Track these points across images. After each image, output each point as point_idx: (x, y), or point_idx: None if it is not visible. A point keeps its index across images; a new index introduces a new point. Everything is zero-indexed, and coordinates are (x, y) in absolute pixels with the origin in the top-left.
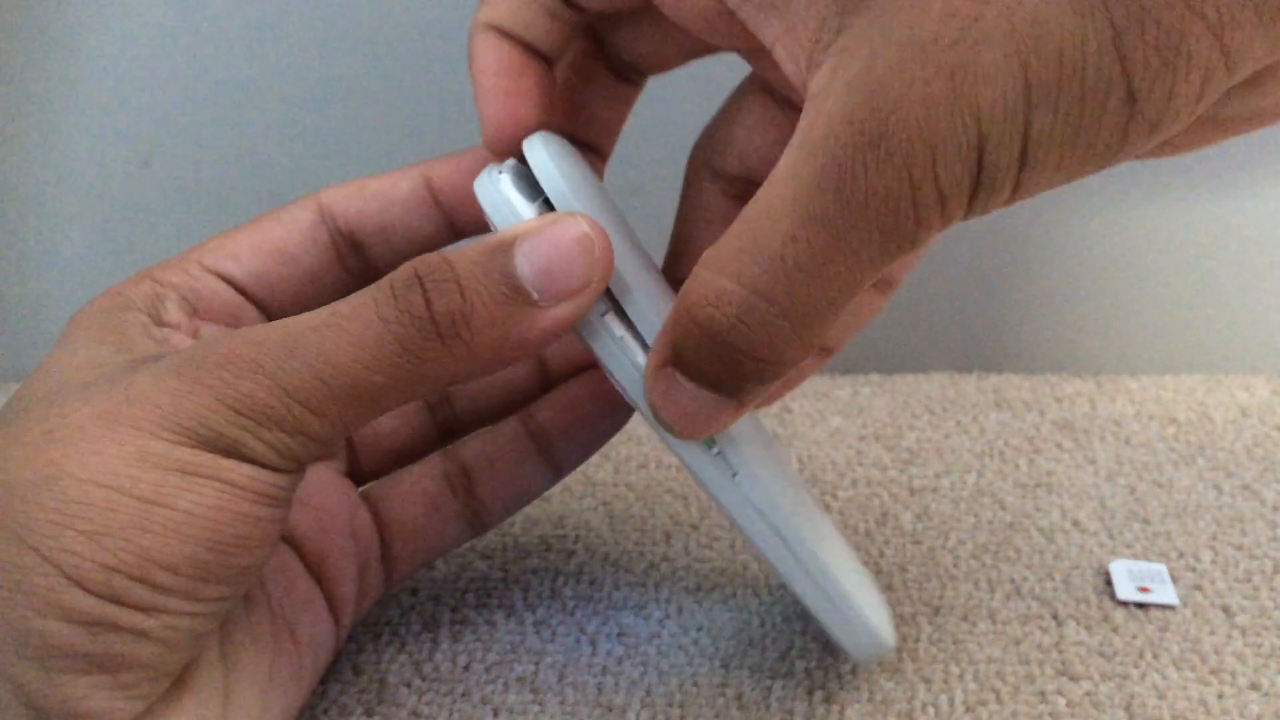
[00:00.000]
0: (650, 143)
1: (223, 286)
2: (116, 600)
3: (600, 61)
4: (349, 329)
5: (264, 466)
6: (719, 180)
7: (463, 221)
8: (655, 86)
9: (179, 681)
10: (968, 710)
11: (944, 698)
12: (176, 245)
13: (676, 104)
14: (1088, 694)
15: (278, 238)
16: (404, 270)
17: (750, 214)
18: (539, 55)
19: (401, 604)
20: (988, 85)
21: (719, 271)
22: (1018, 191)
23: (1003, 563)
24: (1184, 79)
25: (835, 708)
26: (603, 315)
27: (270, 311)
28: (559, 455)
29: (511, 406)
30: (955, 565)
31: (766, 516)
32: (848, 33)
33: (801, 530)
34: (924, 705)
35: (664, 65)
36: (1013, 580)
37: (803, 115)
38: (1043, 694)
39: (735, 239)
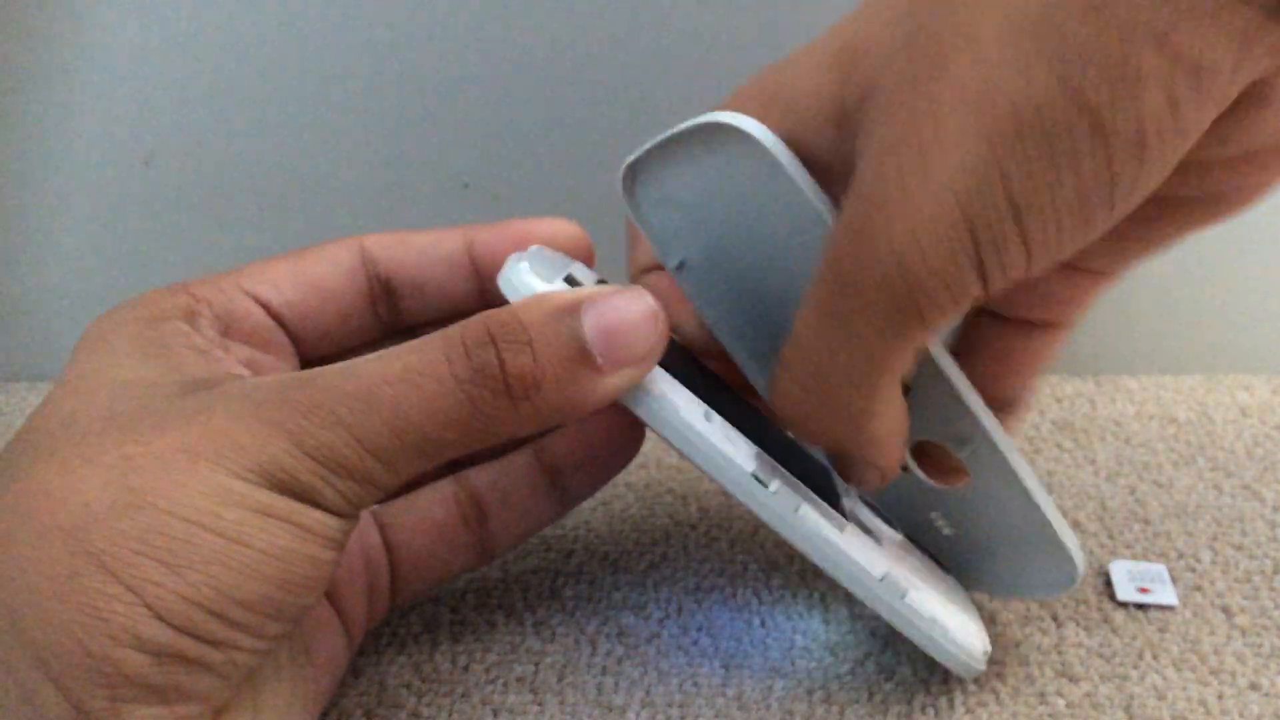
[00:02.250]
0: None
1: (258, 310)
2: (192, 634)
3: None
4: (423, 386)
5: (332, 512)
6: None
7: (496, 290)
8: (645, 98)
9: (219, 710)
10: (967, 712)
11: (943, 699)
12: (177, 245)
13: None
14: (1087, 695)
15: (318, 273)
16: (476, 326)
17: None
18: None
19: None
20: (954, 152)
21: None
22: (1031, 247)
23: None
24: (1146, 94)
25: (835, 708)
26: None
27: (299, 341)
28: (569, 488)
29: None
30: None
31: (870, 574)
32: (858, 165)
33: (905, 584)
34: (923, 706)
35: None
36: None
37: None
38: (1042, 695)
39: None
